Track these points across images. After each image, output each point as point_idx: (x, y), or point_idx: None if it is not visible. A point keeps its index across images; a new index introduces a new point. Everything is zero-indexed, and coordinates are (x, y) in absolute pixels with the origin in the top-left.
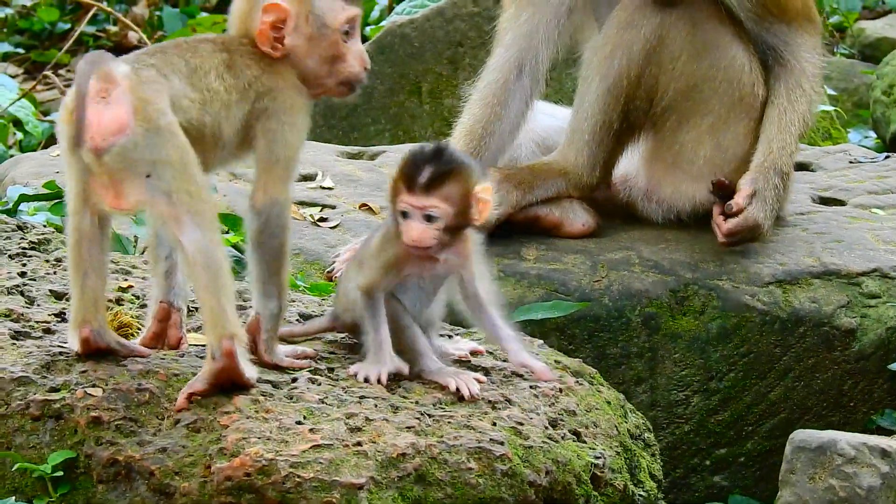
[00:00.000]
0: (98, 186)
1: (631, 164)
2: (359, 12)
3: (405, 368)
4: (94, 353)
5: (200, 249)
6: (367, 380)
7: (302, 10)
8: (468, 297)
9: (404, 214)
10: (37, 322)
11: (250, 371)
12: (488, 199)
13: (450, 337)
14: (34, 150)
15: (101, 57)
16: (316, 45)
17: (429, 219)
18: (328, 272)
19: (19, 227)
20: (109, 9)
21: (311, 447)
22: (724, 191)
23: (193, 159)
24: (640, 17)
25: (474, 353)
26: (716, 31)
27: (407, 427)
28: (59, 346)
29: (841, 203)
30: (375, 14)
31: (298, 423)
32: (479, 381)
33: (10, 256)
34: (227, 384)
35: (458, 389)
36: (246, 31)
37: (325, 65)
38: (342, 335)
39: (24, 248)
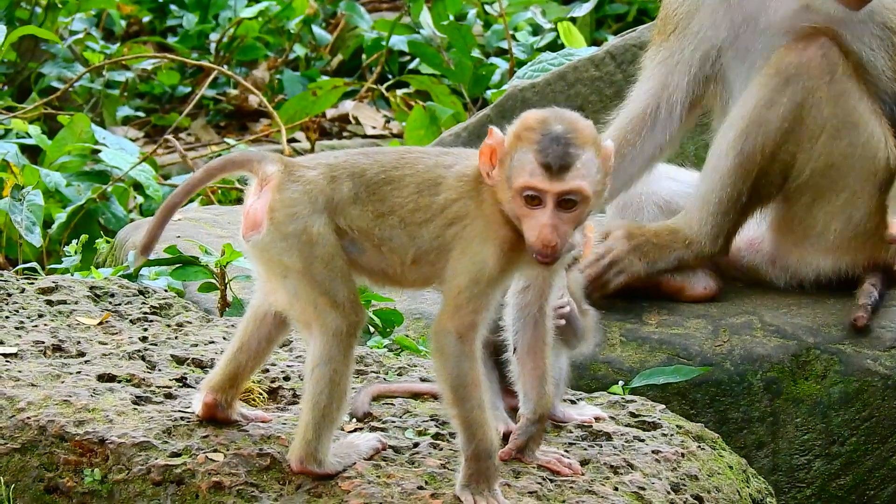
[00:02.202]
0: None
1: (757, 230)
2: (548, 189)
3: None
4: (213, 420)
5: (316, 363)
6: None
7: (507, 151)
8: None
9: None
10: (158, 387)
11: (331, 466)
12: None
13: (573, 402)
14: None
15: (254, 154)
16: (504, 192)
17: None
18: None
19: (140, 292)
20: (230, 72)
21: None
22: None
23: (328, 271)
24: (780, 96)
25: (597, 418)
26: (854, 109)
27: (529, 492)
28: (180, 412)
29: None
30: (497, 78)
31: (420, 487)
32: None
33: (131, 321)
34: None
35: None
36: None
37: (513, 217)
38: None
39: (145, 313)
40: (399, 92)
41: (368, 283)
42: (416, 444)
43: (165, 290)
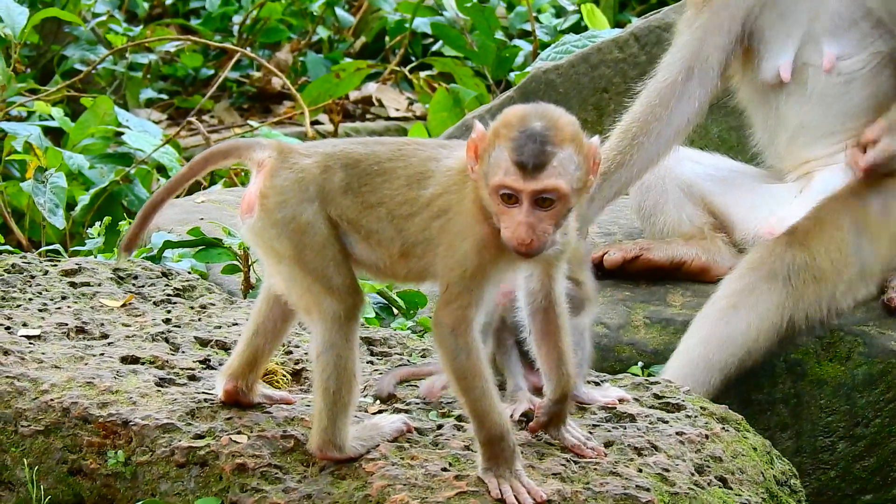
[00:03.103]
0: None
1: (784, 212)
2: (522, 188)
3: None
4: (235, 404)
5: (319, 350)
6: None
7: (486, 148)
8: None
9: None
10: (182, 369)
11: (352, 449)
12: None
13: (597, 384)
14: (178, 197)
15: (242, 142)
16: (482, 189)
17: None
18: None
19: (164, 274)
20: (253, 55)
21: (456, 494)
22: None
23: (320, 259)
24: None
25: (621, 400)
26: None
27: (553, 474)
28: (203, 393)
29: None
30: (520, 60)
31: (444, 469)
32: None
33: (154, 303)
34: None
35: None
36: None
37: (493, 214)
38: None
39: (168, 295)
40: (422, 74)
41: (369, 276)
42: (439, 426)
43: (189, 272)
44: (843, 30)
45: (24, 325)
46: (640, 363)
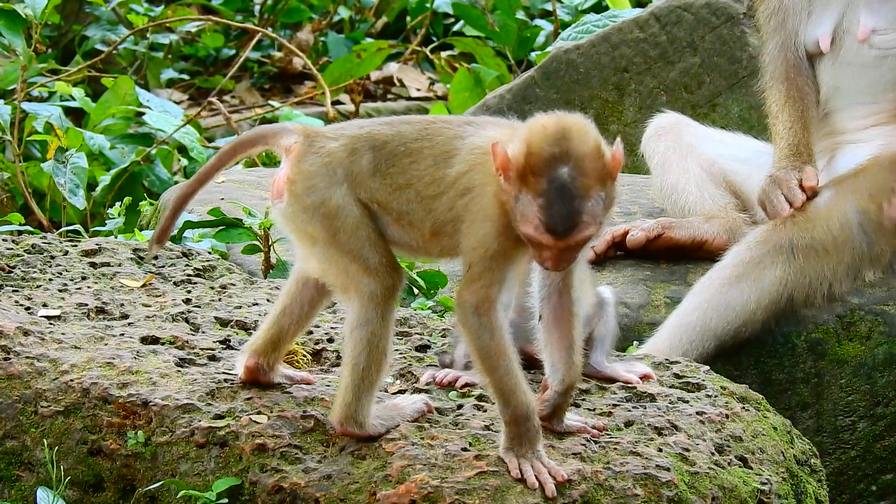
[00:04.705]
0: None
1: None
2: (553, 245)
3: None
4: (255, 383)
5: (354, 326)
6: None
7: (513, 185)
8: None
9: None
10: (202, 349)
11: (373, 428)
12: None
13: (619, 358)
14: None
15: (268, 128)
16: (512, 214)
17: None
18: None
19: (184, 254)
20: (274, 35)
21: (476, 474)
22: None
23: (355, 240)
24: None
25: (647, 376)
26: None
27: (573, 453)
28: (223, 374)
29: None
30: (541, 40)
31: (464, 449)
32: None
33: (175, 283)
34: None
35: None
36: None
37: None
38: None
39: (188, 275)
40: (443, 54)
41: (403, 254)
42: (459, 406)
43: (209, 253)
44: (881, 3)
45: (45, 305)
46: (635, 342)
